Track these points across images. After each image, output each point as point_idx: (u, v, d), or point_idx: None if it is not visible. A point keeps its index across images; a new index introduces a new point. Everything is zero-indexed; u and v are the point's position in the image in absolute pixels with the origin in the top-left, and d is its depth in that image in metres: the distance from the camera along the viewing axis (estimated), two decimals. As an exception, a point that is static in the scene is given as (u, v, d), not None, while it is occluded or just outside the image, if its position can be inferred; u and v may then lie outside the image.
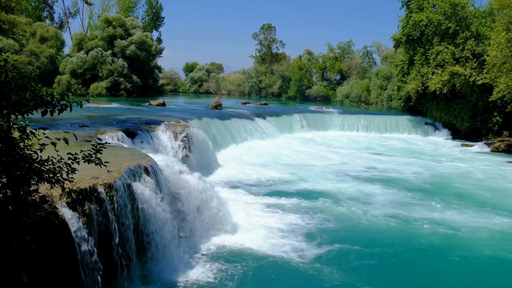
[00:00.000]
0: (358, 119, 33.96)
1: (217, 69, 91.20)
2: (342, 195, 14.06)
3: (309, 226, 11.01)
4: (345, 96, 59.16)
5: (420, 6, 32.24)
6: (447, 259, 9.41)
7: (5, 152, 4.32)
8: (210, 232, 9.76)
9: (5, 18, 29.66)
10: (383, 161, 21.11)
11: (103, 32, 48.74)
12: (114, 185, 7.07)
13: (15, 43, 41.04)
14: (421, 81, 32.19)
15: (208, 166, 16.22)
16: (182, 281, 7.75)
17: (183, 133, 15.61)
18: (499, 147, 26.93)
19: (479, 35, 30.48)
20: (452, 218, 12.11)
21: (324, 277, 8.23)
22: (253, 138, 24.52)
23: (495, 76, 26.13)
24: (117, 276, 7.02)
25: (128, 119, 17.56)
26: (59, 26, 63.07)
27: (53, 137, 5.01)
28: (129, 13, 63.84)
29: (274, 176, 16.38)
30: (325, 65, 67.32)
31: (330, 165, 19.33)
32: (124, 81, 46.38)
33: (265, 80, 72.78)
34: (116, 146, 10.91)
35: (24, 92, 4.44)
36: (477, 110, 31.10)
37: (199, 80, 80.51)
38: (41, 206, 5.60)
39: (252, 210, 11.94)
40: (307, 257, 9.02)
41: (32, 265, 4.62)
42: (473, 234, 10.88)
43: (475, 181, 17.37)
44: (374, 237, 10.55)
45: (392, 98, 44.89)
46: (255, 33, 75.68)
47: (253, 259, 8.81)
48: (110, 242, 6.84)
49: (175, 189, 9.45)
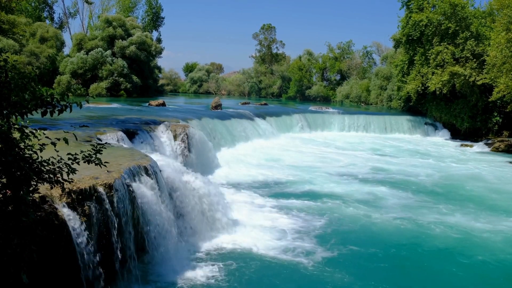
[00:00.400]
0: (358, 119, 33.93)
1: (217, 69, 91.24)
2: (347, 197, 13.84)
3: (314, 228, 10.79)
4: (345, 96, 59.16)
5: (420, 6, 32.24)
6: (458, 262, 9.17)
7: (5, 152, 4.31)
8: (210, 232, 9.74)
9: (5, 18, 29.65)
10: (387, 162, 21.00)
11: (103, 32, 48.76)
12: (114, 185, 7.06)
13: (15, 43, 41.05)
14: (421, 81, 32.19)
15: (208, 166, 16.21)
16: (182, 281, 7.73)
17: (183, 133, 15.61)
18: (499, 147, 26.93)
19: (479, 35, 30.48)
20: (463, 221, 11.78)
21: (328, 279, 8.09)
22: (253, 138, 24.51)
23: (495, 76, 26.13)
24: (117, 276, 7.01)
25: (128, 119, 17.55)
26: (59, 26, 63.11)
27: (53, 137, 5.00)
28: (129, 13, 63.90)
29: (275, 177, 16.38)
30: (325, 65, 67.34)
31: (330, 164, 19.34)
32: (124, 81, 46.39)
33: (265, 80, 72.79)
34: (116, 146, 10.90)
35: (24, 92, 4.44)
36: (477, 110, 31.10)
37: (199, 80, 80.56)
38: (41, 206, 5.60)
39: (252, 211, 11.92)
40: (310, 259, 8.88)
41: (32, 265, 4.62)
42: (485, 237, 10.63)
43: (483, 183, 17.10)
44: (383, 239, 10.33)
45: (392, 98, 44.89)
46: (255, 33, 75.79)
47: (253, 260, 8.77)
48: (110, 242, 6.84)
49: (175, 189, 9.44)
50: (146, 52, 50.31)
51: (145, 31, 56.44)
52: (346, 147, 25.59)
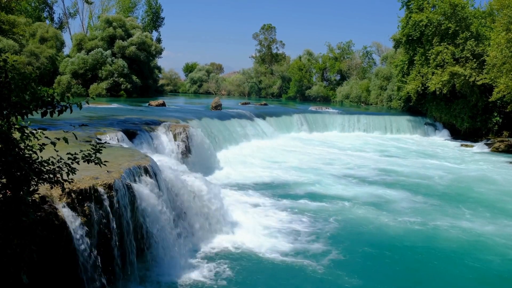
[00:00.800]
0: (358, 119, 33.94)
1: (217, 69, 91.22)
2: (354, 199, 13.65)
3: (317, 229, 10.68)
4: (345, 97, 59.17)
5: (420, 6, 32.26)
6: (470, 266, 9.06)
7: (5, 152, 4.32)
8: (210, 233, 9.74)
9: (5, 19, 29.63)
10: (390, 163, 20.91)
11: (103, 33, 48.74)
12: (114, 185, 7.07)
13: (15, 43, 41.04)
14: (421, 82, 32.21)
15: (208, 167, 16.21)
16: (182, 282, 7.73)
17: (183, 134, 15.61)
18: (499, 147, 26.94)
19: (479, 36, 30.50)
20: (474, 225, 11.55)
21: (336, 283, 7.97)
22: (253, 138, 24.52)
23: (495, 76, 26.15)
24: (116, 276, 7.02)
25: (128, 119, 17.55)
26: (59, 26, 63.12)
27: (53, 137, 5.00)
28: (129, 14, 63.90)
29: (275, 177, 16.37)
30: (325, 65, 67.37)
31: (331, 166, 19.34)
32: (124, 81, 46.39)
33: (265, 80, 72.79)
34: (116, 147, 10.90)
35: (24, 93, 4.44)
36: (477, 111, 31.12)
37: (199, 81, 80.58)
38: (41, 207, 5.60)
39: (253, 211, 11.92)
40: (316, 262, 8.76)
41: (32, 265, 4.62)
42: (497, 241, 10.46)
43: (492, 185, 16.91)
44: (393, 242, 10.19)
45: (392, 98, 44.90)
46: (255, 34, 75.79)
47: (253, 261, 8.75)
48: (110, 242, 6.84)
49: (175, 190, 9.44)
50: (146, 52, 50.30)
51: (145, 31, 56.43)
52: (348, 147, 25.54)
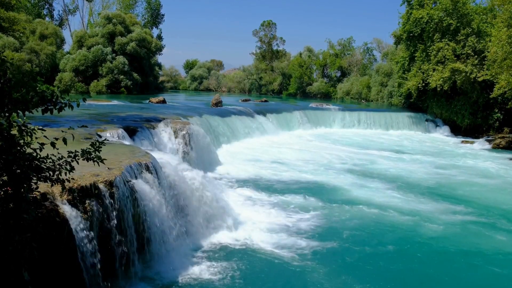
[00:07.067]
0: (359, 116, 33.93)
1: (217, 66, 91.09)
2: (354, 195, 13.60)
3: (317, 226, 10.61)
4: (345, 93, 59.06)
5: (421, 2, 32.15)
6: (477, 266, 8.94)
7: (5, 150, 4.31)
8: (211, 229, 9.75)
9: (5, 16, 29.55)
10: (392, 159, 20.89)
11: (103, 29, 48.66)
12: (114, 182, 7.07)
13: (15, 40, 41.04)
14: (421, 78, 32.15)
15: (208, 163, 16.22)
16: (183, 279, 7.74)
17: (183, 130, 15.60)
18: (499, 143, 26.91)
19: (480, 32, 30.42)
20: (487, 226, 11.39)
21: (334, 279, 7.95)
22: (254, 135, 24.52)
23: (495, 72, 26.09)
24: (117, 273, 7.03)
25: (128, 116, 17.54)
26: (58, 23, 63.04)
27: (54, 135, 5.00)
28: (129, 10, 63.75)
29: (276, 174, 16.36)
30: (326, 62, 67.18)
31: (330, 159, 19.34)
32: (124, 78, 46.36)
33: (266, 77, 72.63)
34: (117, 144, 10.90)
35: (26, 90, 4.43)
36: (478, 107, 31.08)
37: (199, 78, 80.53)
38: (42, 204, 5.61)
39: (253, 207, 11.91)
40: (316, 258, 8.73)
41: (33, 262, 4.63)
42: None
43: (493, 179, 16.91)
44: (404, 241, 10.07)
45: (392, 95, 44.80)
46: (255, 30, 75.44)
47: (255, 258, 8.75)
48: (111, 240, 6.85)
49: (176, 186, 9.44)
50: (146, 49, 50.23)
51: (145, 28, 56.33)
52: (349, 144, 25.48)
